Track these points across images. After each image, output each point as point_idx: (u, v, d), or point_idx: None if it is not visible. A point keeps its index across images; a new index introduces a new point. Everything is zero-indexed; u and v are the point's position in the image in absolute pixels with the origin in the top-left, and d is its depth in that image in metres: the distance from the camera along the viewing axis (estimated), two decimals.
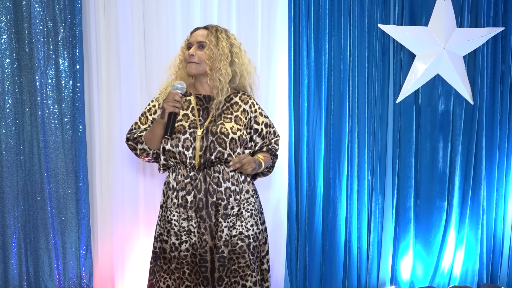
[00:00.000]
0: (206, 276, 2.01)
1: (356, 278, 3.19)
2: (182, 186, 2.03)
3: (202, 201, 2.01)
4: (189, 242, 2.02)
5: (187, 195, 2.02)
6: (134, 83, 2.82)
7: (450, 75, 3.12)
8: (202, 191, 2.02)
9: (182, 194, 2.03)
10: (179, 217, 2.03)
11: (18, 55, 2.71)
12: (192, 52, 2.04)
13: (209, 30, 2.07)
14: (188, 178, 2.02)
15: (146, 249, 2.91)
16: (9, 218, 2.77)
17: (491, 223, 3.32)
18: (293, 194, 3.08)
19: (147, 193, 2.92)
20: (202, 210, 2.01)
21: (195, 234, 2.02)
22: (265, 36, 2.93)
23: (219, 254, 2.01)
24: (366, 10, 3.05)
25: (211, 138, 2.02)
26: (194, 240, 2.02)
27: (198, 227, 2.02)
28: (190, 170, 2.02)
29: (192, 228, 2.02)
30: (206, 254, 2.01)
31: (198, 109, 2.08)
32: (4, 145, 2.73)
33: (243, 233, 2.05)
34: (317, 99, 3.06)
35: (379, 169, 3.16)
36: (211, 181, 2.02)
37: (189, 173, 2.02)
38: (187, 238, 2.02)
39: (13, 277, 2.80)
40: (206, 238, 2.01)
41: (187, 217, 2.02)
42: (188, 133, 2.02)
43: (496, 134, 3.24)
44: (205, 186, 2.02)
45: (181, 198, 2.03)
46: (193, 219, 2.02)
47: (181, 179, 2.03)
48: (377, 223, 3.19)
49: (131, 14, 2.77)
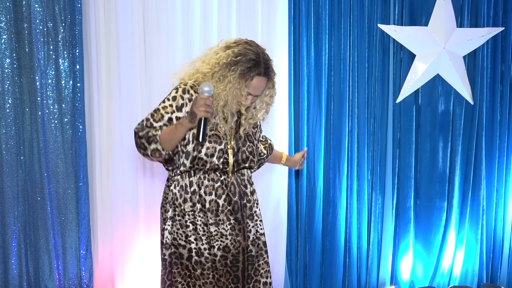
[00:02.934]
0: (237, 275, 2.01)
1: (356, 278, 3.19)
2: (209, 190, 1.98)
3: (237, 203, 2.00)
4: (218, 246, 1.99)
5: (218, 198, 1.98)
6: (134, 83, 2.82)
7: (450, 75, 3.12)
8: (237, 194, 2.01)
9: (211, 198, 1.98)
10: (205, 222, 1.98)
11: (18, 55, 2.71)
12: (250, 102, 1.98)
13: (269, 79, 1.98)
14: (219, 182, 1.99)
15: (146, 249, 2.91)
16: (9, 218, 2.77)
17: (491, 223, 3.32)
18: (293, 194, 3.08)
19: (147, 193, 2.92)
20: (238, 213, 2.00)
21: (227, 237, 1.99)
22: (265, 36, 2.93)
23: (248, 254, 2.04)
24: (366, 10, 3.05)
25: (242, 148, 2.02)
26: (226, 242, 1.99)
27: (232, 229, 1.99)
28: (221, 174, 2.00)
29: (224, 231, 1.99)
30: (239, 254, 2.01)
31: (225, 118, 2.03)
32: (4, 145, 2.73)
33: (259, 231, 2.11)
34: (317, 99, 3.06)
35: (379, 169, 3.16)
36: (241, 184, 2.04)
37: (219, 177, 1.99)
38: (216, 243, 1.99)
39: (13, 277, 2.80)
40: (240, 239, 2.01)
41: (215, 221, 1.98)
42: (223, 144, 1.97)
43: (496, 134, 3.24)
44: (238, 189, 2.02)
45: (209, 203, 1.97)
46: (224, 223, 1.99)
47: (208, 183, 1.98)
48: (377, 223, 3.19)
49: (131, 14, 2.77)
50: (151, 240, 2.90)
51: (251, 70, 1.90)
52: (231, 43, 1.95)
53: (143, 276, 2.92)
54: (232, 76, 1.89)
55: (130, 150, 2.83)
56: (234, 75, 1.89)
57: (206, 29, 2.85)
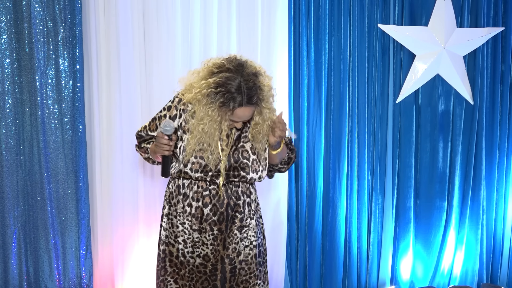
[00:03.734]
0: (215, 284, 2.01)
1: (356, 278, 3.19)
2: (197, 197, 1.98)
3: (223, 214, 1.99)
4: (198, 253, 2.00)
5: (204, 207, 1.98)
6: (134, 83, 2.82)
7: (450, 75, 3.12)
8: (224, 205, 1.99)
9: (197, 205, 1.98)
10: (190, 227, 2.00)
11: (18, 55, 2.71)
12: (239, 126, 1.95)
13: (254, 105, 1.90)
14: (207, 191, 1.98)
15: (146, 249, 2.91)
16: (9, 218, 2.77)
17: (491, 223, 3.32)
18: (293, 194, 3.08)
19: (147, 193, 2.92)
20: (222, 223, 1.99)
21: (207, 246, 1.99)
22: (265, 36, 2.93)
23: (232, 265, 2.01)
24: (366, 10, 3.05)
25: (234, 164, 1.97)
26: (206, 251, 2.00)
27: (214, 239, 1.99)
28: (210, 184, 1.98)
29: (205, 240, 1.99)
30: (217, 263, 2.01)
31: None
32: (4, 145, 2.73)
33: (253, 242, 2.06)
34: (317, 99, 3.06)
35: (379, 169, 3.16)
36: (232, 195, 2.00)
37: (208, 186, 1.98)
38: (196, 250, 2.00)
39: (13, 277, 2.80)
40: (219, 249, 2.00)
41: (199, 228, 1.99)
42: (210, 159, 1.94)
43: (496, 134, 3.24)
44: (227, 200, 1.99)
45: (195, 209, 1.98)
46: (207, 232, 1.98)
47: (198, 190, 1.98)
48: (377, 223, 3.19)
49: (131, 14, 2.77)
50: (151, 240, 2.90)
51: (231, 102, 1.84)
52: (214, 69, 1.89)
53: (143, 276, 2.92)
54: (211, 109, 1.86)
55: (130, 150, 2.83)
56: (213, 107, 1.86)
57: (206, 29, 2.85)
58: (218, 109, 1.86)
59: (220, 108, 1.86)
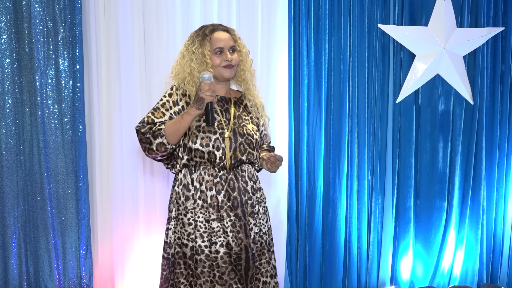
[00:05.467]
0: (242, 274, 2.02)
1: (356, 278, 3.19)
2: (210, 185, 2.01)
3: (237, 199, 2.02)
4: (221, 242, 2.00)
5: (218, 194, 2.01)
6: (134, 83, 2.82)
7: (450, 75, 3.12)
8: (236, 190, 2.02)
9: (212, 193, 2.01)
10: (206, 218, 2.01)
11: (18, 55, 2.71)
12: (230, 57, 2.05)
13: (231, 33, 2.10)
14: (218, 178, 2.02)
15: (146, 249, 2.91)
16: (9, 218, 2.77)
17: (491, 223, 3.32)
18: (293, 194, 3.08)
19: (147, 193, 2.92)
20: (238, 209, 2.01)
21: (228, 234, 2.00)
22: (265, 36, 2.93)
23: (250, 252, 2.04)
24: (366, 10, 3.05)
25: (240, 139, 2.04)
26: (228, 239, 2.00)
27: (233, 226, 2.01)
28: (220, 170, 2.02)
29: (225, 228, 2.00)
30: (241, 252, 2.01)
31: (221, 110, 2.09)
32: (4, 145, 2.73)
33: (262, 230, 2.10)
34: (317, 99, 3.06)
35: (379, 169, 3.16)
36: (241, 180, 2.05)
37: (218, 173, 2.02)
38: (217, 239, 2.00)
39: (13, 277, 2.80)
40: (241, 236, 2.01)
41: (217, 217, 2.00)
42: (218, 134, 2.02)
43: (496, 134, 3.24)
44: (238, 184, 2.03)
45: (210, 198, 2.01)
46: (225, 219, 2.00)
47: (208, 178, 2.02)
48: (377, 223, 3.19)
49: (131, 14, 2.77)
50: (151, 240, 2.90)
51: (205, 32, 2.06)
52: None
53: (143, 276, 2.92)
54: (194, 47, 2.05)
55: (130, 150, 2.83)
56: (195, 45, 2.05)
57: None
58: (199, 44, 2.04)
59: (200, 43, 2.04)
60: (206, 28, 2.07)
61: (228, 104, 2.13)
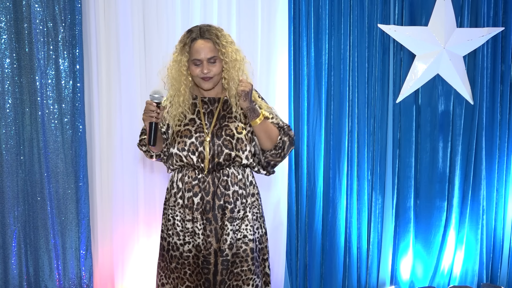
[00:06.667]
0: (208, 278, 2.01)
1: (356, 278, 3.19)
2: (189, 187, 2.02)
3: (209, 203, 2.01)
4: (193, 243, 2.03)
5: (194, 196, 2.02)
6: (134, 83, 2.82)
7: (450, 75, 3.12)
8: (210, 194, 2.01)
9: (189, 195, 2.02)
10: (183, 218, 2.04)
11: (18, 55, 2.71)
12: (206, 70, 1.97)
13: (211, 40, 1.97)
14: (196, 180, 2.02)
15: (146, 249, 2.91)
16: (9, 218, 2.77)
17: (491, 223, 3.32)
18: (293, 194, 3.08)
19: (147, 193, 2.92)
20: (209, 213, 2.01)
21: (199, 236, 2.02)
22: (265, 36, 2.93)
23: (223, 257, 2.01)
24: (366, 10, 3.05)
25: (217, 142, 2.01)
26: (198, 241, 2.02)
27: (204, 229, 2.02)
28: (199, 173, 2.03)
29: (197, 229, 2.02)
30: (210, 256, 2.01)
31: (204, 113, 2.06)
32: (4, 145, 2.73)
33: (247, 236, 2.05)
34: (317, 99, 3.06)
35: (379, 169, 3.15)
36: (220, 184, 2.03)
37: (197, 175, 2.03)
38: (190, 239, 2.03)
39: (13, 277, 2.80)
40: (211, 241, 2.01)
41: (192, 218, 2.02)
42: (194, 137, 2.01)
43: (496, 134, 3.24)
44: (213, 189, 2.02)
45: (187, 199, 2.03)
46: (198, 221, 2.01)
47: (188, 180, 2.03)
48: (377, 223, 3.19)
49: (131, 14, 2.77)
50: (151, 240, 2.91)
51: (186, 40, 1.98)
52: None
53: (143, 276, 2.92)
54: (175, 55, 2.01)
55: (130, 150, 2.83)
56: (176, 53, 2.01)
57: None
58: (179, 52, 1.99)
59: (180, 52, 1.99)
60: (189, 35, 1.99)
61: (214, 106, 2.07)
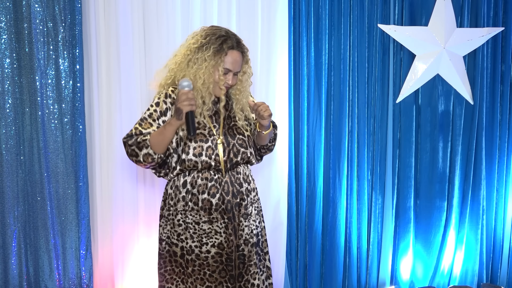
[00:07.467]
0: (232, 274, 2.02)
1: (356, 278, 3.19)
2: (203, 189, 1.99)
3: (230, 203, 2.01)
4: (213, 242, 2.01)
5: (212, 198, 1.99)
6: (134, 83, 2.82)
7: (450, 75, 3.12)
8: (230, 193, 2.01)
9: (204, 197, 1.99)
10: (196, 220, 2.00)
11: (18, 55, 2.71)
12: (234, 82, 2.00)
13: (243, 53, 2.00)
14: (213, 181, 2.00)
15: (146, 249, 2.91)
16: (9, 218, 2.77)
17: (491, 223, 3.32)
18: (293, 194, 3.08)
19: (147, 193, 2.92)
20: (230, 212, 2.01)
21: (221, 235, 2.01)
22: (265, 36, 2.93)
23: (239, 252, 2.04)
24: (366, 10, 3.05)
25: (231, 141, 2.02)
26: (220, 240, 2.01)
27: (226, 228, 2.01)
28: (215, 173, 2.01)
29: (218, 229, 2.01)
30: (232, 253, 2.02)
31: (210, 116, 2.04)
32: (4, 145, 2.73)
33: (253, 231, 2.09)
34: (317, 99, 3.06)
35: (379, 169, 3.16)
36: (235, 183, 2.04)
37: (213, 176, 2.00)
38: (208, 240, 2.01)
39: (13, 277, 2.80)
40: (233, 239, 2.02)
41: (209, 219, 2.00)
42: (210, 141, 1.98)
43: (496, 134, 3.24)
44: (232, 188, 2.02)
45: (201, 201, 1.99)
46: (218, 221, 2.00)
47: (202, 182, 1.99)
48: (377, 223, 3.19)
49: (131, 14, 2.77)
50: (151, 240, 2.91)
51: (223, 45, 1.94)
52: (197, 32, 2.01)
53: (143, 276, 2.92)
54: (207, 54, 1.94)
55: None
56: (208, 53, 1.93)
57: None
58: (212, 55, 1.93)
59: (214, 54, 1.93)
60: (225, 40, 1.95)
61: (217, 106, 2.06)
